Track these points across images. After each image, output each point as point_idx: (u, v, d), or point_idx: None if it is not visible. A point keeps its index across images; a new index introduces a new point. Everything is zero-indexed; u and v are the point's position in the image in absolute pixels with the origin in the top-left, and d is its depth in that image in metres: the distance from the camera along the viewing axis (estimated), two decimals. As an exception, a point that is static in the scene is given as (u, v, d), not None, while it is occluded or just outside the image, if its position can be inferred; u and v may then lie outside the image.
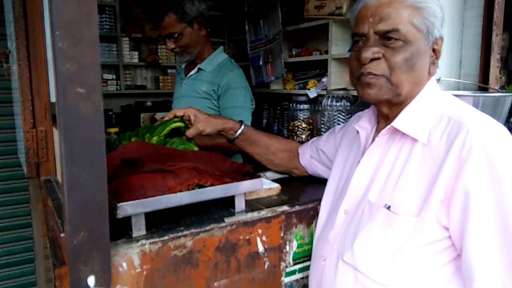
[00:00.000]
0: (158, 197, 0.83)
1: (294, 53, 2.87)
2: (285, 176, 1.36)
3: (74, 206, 0.71)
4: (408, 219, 0.79)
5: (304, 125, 2.40)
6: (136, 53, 3.68)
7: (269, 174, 1.37)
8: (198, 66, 1.77)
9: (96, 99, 0.71)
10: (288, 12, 2.83)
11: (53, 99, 1.49)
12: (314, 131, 2.41)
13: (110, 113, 2.99)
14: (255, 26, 3.06)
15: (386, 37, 0.83)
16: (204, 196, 0.90)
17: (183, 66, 1.90)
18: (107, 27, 3.48)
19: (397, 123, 0.86)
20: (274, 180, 1.28)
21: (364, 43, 0.85)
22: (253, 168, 1.37)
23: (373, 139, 0.94)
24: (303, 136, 2.39)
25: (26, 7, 1.34)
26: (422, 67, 0.85)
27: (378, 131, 0.96)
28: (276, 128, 3.07)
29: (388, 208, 0.83)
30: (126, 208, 0.80)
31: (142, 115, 2.42)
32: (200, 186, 0.92)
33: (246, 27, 3.15)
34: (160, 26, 1.67)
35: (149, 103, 3.42)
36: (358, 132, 0.99)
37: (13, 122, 2.38)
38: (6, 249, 2.92)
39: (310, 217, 1.08)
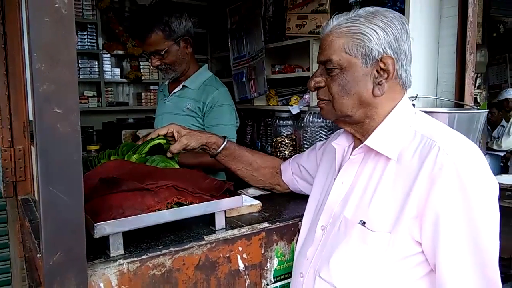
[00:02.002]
0: (136, 216, 0.83)
1: (277, 69, 2.92)
2: (267, 192, 1.36)
3: (51, 226, 0.70)
4: (382, 235, 0.81)
5: (287, 141, 2.42)
6: (118, 69, 3.68)
7: (251, 190, 1.37)
8: (183, 83, 1.78)
9: (74, 119, 0.71)
10: (271, 29, 2.89)
11: (31, 117, 1.47)
12: (297, 147, 2.44)
13: (91, 130, 2.97)
14: (238, 43, 3.11)
15: (326, 67, 0.91)
16: (183, 214, 0.90)
17: (166, 83, 1.91)
18: (89, 44, 3.48)
19: (369, 141, 0.89)
20: (256, 197, 1.28)
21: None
22: (235, 184, 1.38)
23: (350, 157, 0.97)
24: (286, 152, 2.42)
25: (5, 26, 1.34)
26: (362, 90, 0.88)
27: (354, 148, 0.98)
28: (260, 144, 3.09)
29: (363, 224, 0.84)
30: (104, 227, 0.79)
31: (124, 132, 2.40)
32: (180, 204, 0.92)
33: (229, 44, 3.20)
34: (146, 43, 1.67)
35: (131, 120, 3.40)
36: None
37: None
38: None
39: (291, 233, 1.09)
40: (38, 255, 0.87)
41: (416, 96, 1.69)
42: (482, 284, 0.74)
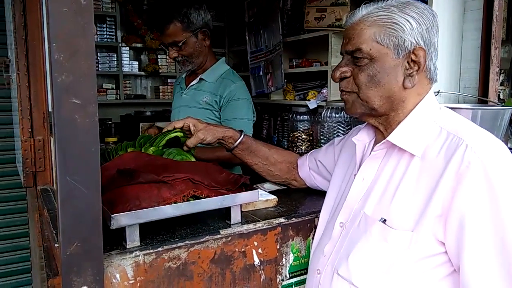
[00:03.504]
0: (152, 208, 0.83)
1: (294, 63, 2.89)
2: (284, 187, 1.35)
3: (68, 217, 0.70)
4: (404, 233, 0.78)
5: (304, 136, 2.40)
6: (136, 62, 3.70)
7: (267, 185, 1.36)
8: (200, 76, 1.78)
9: (92, 110, 0.71)
10: (289, 23, 2.85)
11: (51, 108, 1.48)
12: (314, 143, 2.41)
13: (109, 122, 3.00)
14: (255, 36, 3.08)
15: (353, 56, 0.88)
16: (199, 208, 0.89)
17: (183, 76, 1.90)
18: (108, 36, 3.51)
19: (392, 137, 0.86)
20: (272, 192, 1.27)
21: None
22: (251, 179, 1.37)
23: (371, 153, 0.94)
24: (303, 147, 2.39)
25: (26, 17, 1.36)
26: (392, 81, 0.86)
27: (376, 144, 0.96)
28: (276, 139, 3.07)
29: (384, 221, 0.82)
30: (120, 219, 0.79)
31: (141, 124, 2.41)
32: (196, 197, 0.92)
33: (247, 37, 3.18)
34: (164, 34, 1.67)
35: (148, 113, 3.42)
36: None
37: (12, 130, 2.38)
38: (3, 258, 2.90)
39: (307, 229, 1.07)
40: (56, 245, 0.87)
41: (438, 92, 1.64)
42: (509, 287, 0.71)
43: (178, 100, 1.85)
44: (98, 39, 3.42)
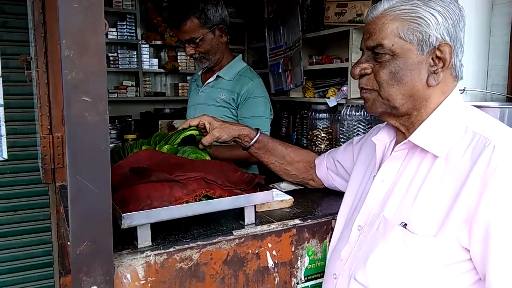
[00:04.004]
0: (164, 207, 0.82)
1: (314, 60, 2.84)
2: (301, 187, 1.32)
3: (78, 216, 0.70)
4: (425, 239, 0.74)
5: (323, 135, 2.35)
6: (156, 60, 3.72)
7: (283, 185, 1.33)
8: (217, 73, 1.76)
9: (102, 108, 0.70)
10: (309, 19, 2.81)
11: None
12: (333, 141, 2.36)
13: (129, 119, 3.03)
14: (275, 33, 3.05)
15: (374, 52, 0.83)
16: (211, 208, 0.87)
17: (199, 73, 1.89)
18: (128, 34, 3.54)
19: (414, 137, 0.82)
20: (289, 192, 1.24)
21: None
22: (268, 178, 1.34)
23: (392, 153, 0.90)
24: (322, 146, 2.35)
25: (45, 15, 1.37)
26: (415, 79, 0.81)
27: (397, 144, 0.92)
28: (295, 137, 3.03)
29: (405, 226, 0.78)
30: (131, 218, 0.78)
31: (160, 122, 2.43)
32: (208, 197, 0.90)
33: (266, 34, 3.15)
34: (181, 31, 1.66)
35: (167, 110, 3.44)
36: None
37: (35, 127, 2.43)
38: (27, 252, 2.97)
39: (324, 231, 1.04)
40: (68, 243, 0.87)
41: (464, 89, 1.57)
42: None
43: (195, 97, 1.83)
44: (119, 36, 3.45)
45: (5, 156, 2.91)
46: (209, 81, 1.78)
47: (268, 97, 1.75)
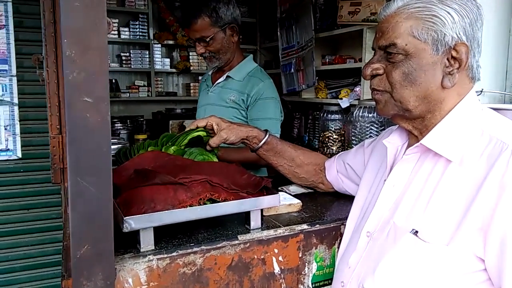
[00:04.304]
0: (166, 211, 0.80)
1: (327, 60, 2.80)
2: (310, 191, 1.29)
3: (78, 219, 0.68)
4: (437, 247, 0.70)
5: (335, 136, 2.31)
6: (168, 60, 3.73)
7: (292, 188, 1.30)
8: (227, 73, 1.74)
9: (104, 108, 0.68)
10: (321, 17, 2.77)
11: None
12: (346, 143, 2.32)
13: (141, 119, 3.03)
14: (287, 32, 3.02)
15: (387, 52, 0.80)
16: (215, 212, 0.85)
17: (209, 73, 1.87)
18: (140, 34, 3.55)
19: (427, 140, 0.78)
20: (298, 195, 1.22)
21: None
22: (277, 180, 1.31)
23: (403, 157, 0.86)
24: (334, 148, 2.30)
25: (56, 14, 1.37)
26: (429, 80, 0.78)
27: (409, 147, 0.88)
28: (307, 138, 3.00)
29: (416, 233, 0.74)
30: (133, 222, 0.76)
31: (171, 122, 2.43)
32: (213, 200, 0.88)
33: (278, 33, 3.12)
34: (192, 29, 1.64)
35: (178, 110, 3.44)
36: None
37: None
38: (40, 250, 3.00)
39: (332, 237, 1.01)
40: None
41: (482, 91, 1.51)
42: None
43: (204, 97, 1.82)
44: (131, 36, 3.47)
45: (19, 154, 2.94)
46: (219, 81, 1.76)
47: (278, 98, 1.73)
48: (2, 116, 2.98)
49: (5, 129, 3.01)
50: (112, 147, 1.38)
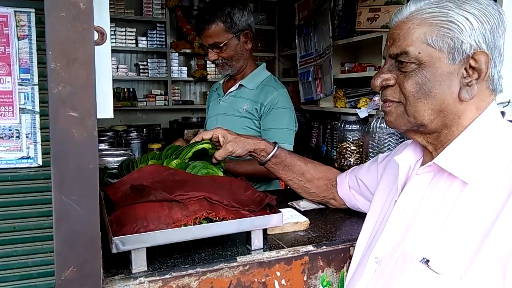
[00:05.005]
0: (159, 231, 0.75)
1: (346, 68, 2.72)
2: (321, 206, 1.22)
3: (63, 238, 0.65)
4: (450, 280, 0.63)
5: (353, 148, 2.22)
6: (185, 68, 3.73)
7: (303, 203, 1.24)
8: (240, 82, 1.69)
9: (90, 124, 0.65)
10: (340, 24, 2.70)
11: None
12: (364, 155, 2.23)
13: (158, 128, 3.03)
14: (305, 40, 2.96)
15: (398, 61, 0.74)
16: (212, 232, 0.80)
17: (220, 82, 1.83)
18: (158, 43, 3.57)
19: (441, 159, 0.71)
20: (308, 211, 1.16)
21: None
22: (290, 194, 1.25)
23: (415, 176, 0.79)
24: (352, 160, 2.22)
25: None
26: (445, 92, 0.70)
27: (423, 165, 0.81)
28: (325, 148, 2.91)
29: (427, 262, 0.67)
30: (123, 242, 0.72)
31: (186, 131, 2.40)
32: (210, 219, 0.83)
33: (296, 41, 3.06)
34: (205, 34, 1.61)
35: (194, 119, 3.43)
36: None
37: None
38: (47, 258, 3.02)
39: (340, 260, 0.94)
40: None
41: (509, 102, 1.41)
42: None
43: (215, 107, 1.77)
44: (149, 45, 3.50)
45: (40, 162, 2.99)
46: (231, 90, 1.71)
47: (292, 108, 1.67)
48: (24, 124, 3.05)
49: (27, 137, 3.08)
50: (117, 159, 1.36)
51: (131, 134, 2.39)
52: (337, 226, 1.06)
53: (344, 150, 2.24)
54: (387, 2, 2.08)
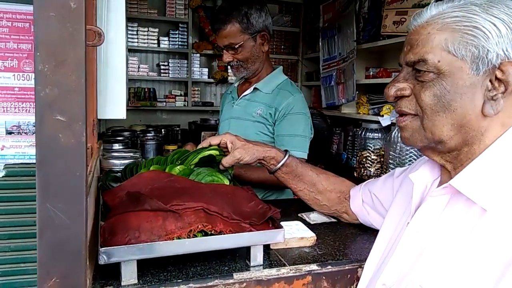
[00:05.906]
0: (149, 243, 0.71)
1: (371, 73, 2.62)
2: (333, 220, 1.16)
3: (46, 248, 0.62)
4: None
5: (373, 157, 2.13)
6: (206, 69, 3.72)
7: (313, 216, 1.18)
8: (255, 85, 1.64)
9: (78, 129, 0.62)
10: (365, 27, 2.60)
11: (99, 115, 1.47)
12: (384, 165, 2.14)
13: (177, 128, 3.02)
14: (329, 43, 2.88)
15: (415, 69, 0.66)
16: (206, 246, 0.76)
17: (235, 84, 1.79)
18: (180, 43, 3.57)
19: (458, 181, 0.63)
20: (317, 225, 1.10)
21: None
22: (302, 204, 1.19)
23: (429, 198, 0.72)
24: (372, 170, 2.12)
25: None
26: (467, 106, 0.63)
27: (441, 185, 0.73)
28: (345, 156, 2.82)
29: (439, 298, 0.60)
30: (106, 255, 0.69)
31: (203, 133, 2.38)
32: (206, 232, 0.78)
33: (320, 44, 2.99)
34: (221, 35, 1.57)
35: (213, 121, 3.40)
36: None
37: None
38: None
39: (347, 281, 0.87)
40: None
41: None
42: None
43: (229, 111, 1.73)
44: (170, 45, 3.50)
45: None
46: (245, 93, 1.67)
47: (309, 114, 1.60)
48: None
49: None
50: (123, 161, 1.34)
51: (148, 134, 2.38)
52: (346, 243, 1.00)
53: (364, 159, 2.15)
54: (415, 5, 1.98)
